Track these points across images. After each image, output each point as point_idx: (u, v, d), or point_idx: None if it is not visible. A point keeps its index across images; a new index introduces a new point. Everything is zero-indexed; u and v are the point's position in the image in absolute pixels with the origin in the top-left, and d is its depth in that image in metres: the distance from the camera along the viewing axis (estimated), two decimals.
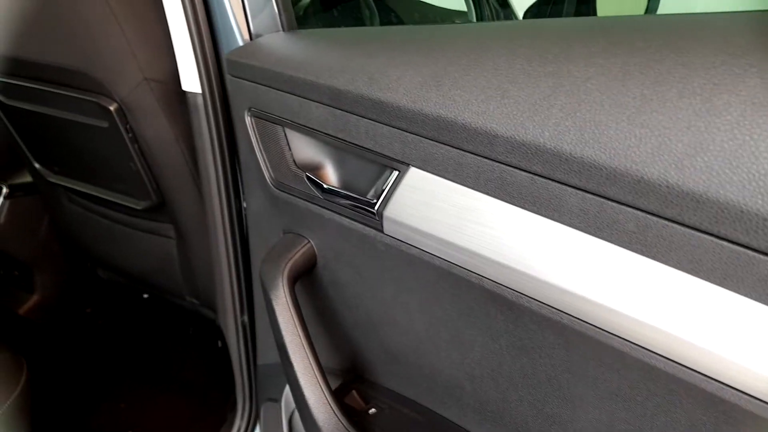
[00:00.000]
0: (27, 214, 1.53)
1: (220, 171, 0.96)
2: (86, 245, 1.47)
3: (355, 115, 0.62)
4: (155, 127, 1.07)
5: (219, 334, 1.62)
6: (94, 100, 1.05)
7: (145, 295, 1.69)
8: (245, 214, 1.01)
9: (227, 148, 0.94)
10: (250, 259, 1.06)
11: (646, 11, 1.90)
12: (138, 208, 1.21)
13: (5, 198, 1.49)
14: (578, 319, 0.49)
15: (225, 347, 1.62)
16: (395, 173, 0.61)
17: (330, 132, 0.67)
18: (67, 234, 1.50)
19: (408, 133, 0.57)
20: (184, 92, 0.95)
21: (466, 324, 0.62)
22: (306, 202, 0.75)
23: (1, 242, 1.52)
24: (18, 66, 1.12)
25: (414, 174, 0.59)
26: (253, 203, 0.90)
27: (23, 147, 1.31)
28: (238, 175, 0.98)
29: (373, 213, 0.65)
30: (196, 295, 1.36)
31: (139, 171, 1.13)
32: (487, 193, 0.53)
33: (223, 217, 1.00)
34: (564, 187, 0.47)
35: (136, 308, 1.72)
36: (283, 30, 0.83)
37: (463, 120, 0.52)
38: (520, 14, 1.71)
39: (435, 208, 0.57)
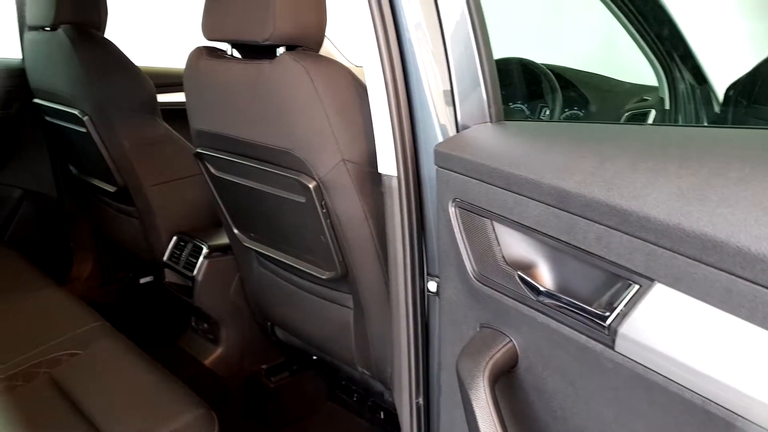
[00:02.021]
0: (221, 273, 1.66)
1: (407, 252, 0.97)
2: (269, 306, 1.55)
3: (585, 219, 0.58)
4: (348, 205, 1.11)
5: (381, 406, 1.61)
6: (295, 177, 1.11)
7: (314, 357, 1.74)
8: (428, 296, 1.00)
9: (416, 231, 0.95)
10: (429, 342, 1.04)
11: None
12: (323, 277, 1.25)
13: (204, 257, 1.63)
14: None
15: (387, 419, 1.61)
16: (634, 287, 0.55)
17: (551, 233, 0.63)
18: (253, 294, 1.59)
19: (656, 247, 0.52)
20: (379, 174, 0.97)
21: None
22: (513, 301, 0.71)
23: (197, 296, 1.66)
24: (229, 143, 1.23)
25: (661, 291, 0.52)
26: (447, 290, 0.88)
27: (225, 213, 1.43)
28: (425, 257, 0.98)
29: (603, 327, 0.59)
30: (367, 366, 1.36)
31: (329, 244, 1.17)
32: (765, 327, 0.45)
33: (406, 297, 1.00)
34: None
35: (307, 368, 1.77)
36: (491, 121, 0.82)
37: (738, 243, 0.45)
38: (720, 92, 1.57)
39: (688, 333, 0.50)
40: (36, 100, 1.80)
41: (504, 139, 0.73)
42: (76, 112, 1.60)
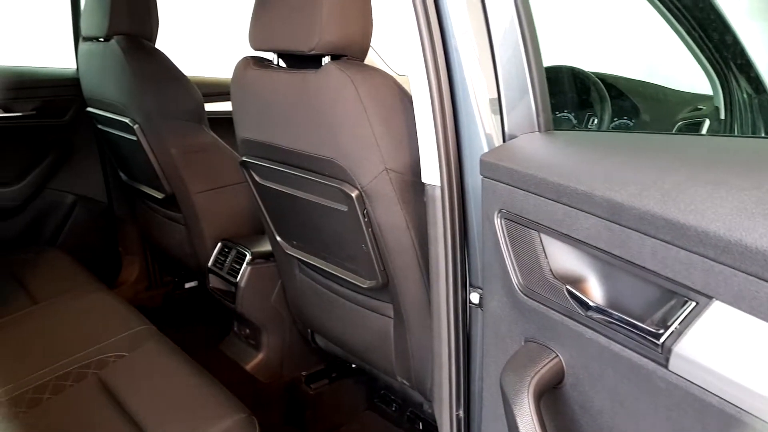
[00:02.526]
0: (263, 279, 1.68)
1: (450, 262, 0.96)
2: (310, 313, 1.56)
3: (639, 233, 0.56)
4: (389, 214, 1.10)
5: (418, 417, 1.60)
6: (338, 186, 1.11)
7: (354, 365, 1.74)
8: (470, 308, 0.98)
9: (459, 241, 0.93)
10: (470, 353, 1.02)
11: None
12: (363, 286, 1.25)
13: (248, 264, 1.65)
14: None
15: (426, 430, 1.59)
16: (691, 304, 0.53)
17: (602, 246, 0.61)
18: (294, 301, 1.60)
19: (716, 263, 0.49)
20: (422, 183, 0.96)
21: None
22: (561, 315, 0.69)
23: (239, 302, 1.68)
24: (273, 152, 1.24)
25: (720, 310, 0.50)
26: (491, 303, 0.87)
27: (268, 220, 1.44)
28: (467, 268, 0.97)
29: (656, 345, 0.56)
30: (407, 376, 1.35)
31: (370, 253, 1.17)
32: None
33: (447, 308, 0.99)
34: None
35: (346, 376, 1.77)
36: (540, 131, 0.80)
37: None
38: None
39: (748, 354, 0.48)
40: (89, 109, 1.86)
41: (553, 149, 0.72)
42: (126, 120, 1.64)
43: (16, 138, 1.93)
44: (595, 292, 0.66)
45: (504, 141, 0.84)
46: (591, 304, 0.65)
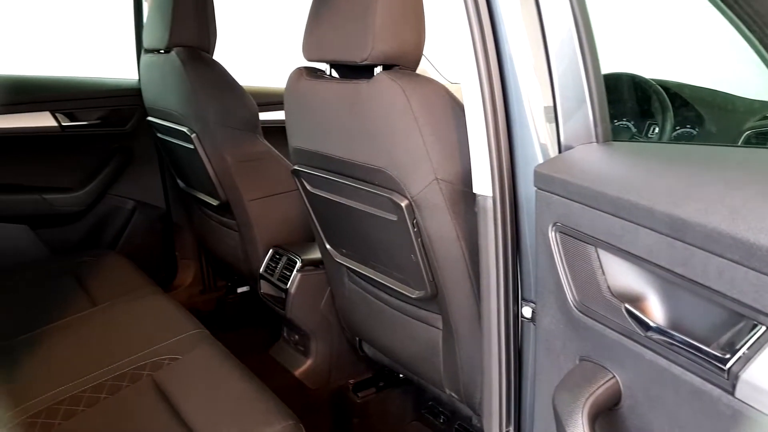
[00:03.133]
0: (313, 286, 1.69)
1: (501, 275, 0.94)
2: (358, 321, 1.56)
3: (704, 251, 0.53)
4: (439, 224, 1.09)
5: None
6: (387, 195, 1.11)
7: (401, 375, 1.73)
8: (522, 322, 0.96)
9: (511, 253, 0.91)
10: (522, 369, 1.00)
11: None
12: (412, 296, 1.24)
13: (298, 271, 1.67)
14: None
15: None
16: (761, 329, 0.50)
17: (663, 264, 0.58)
18: (343, 309, 1.61)
19: None
20: (473, 193, 0.95)
21: None
22: (618, 335, 0.66)
23: (289, 308, 1.70)
24: (324, 161, 1.25)
25: None
26: (545, 318, 0.84)
27: (318, 228, 1.45)
28: (519, 281, 0.95)
29: (722, 370, 0.53)
30: (456, 389, 1.33)
31: (419, 263, 1.16)
32: None
33: (498, 321, 0.97)
34: None
35: (394, 385, 1.76)
36: (598, 141, 0.77)
37: None
38: None
39: None
40: (150, 118, 1.93)
41: (612, 161, 0.69)
42: (184, 129, 1.69)
43: (81, 145, 2.02)
44: (656, 311, 0.63)
45: (559, 151, 0.82)
46: (651, 324, 0.62)
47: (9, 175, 1.93)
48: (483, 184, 0.91)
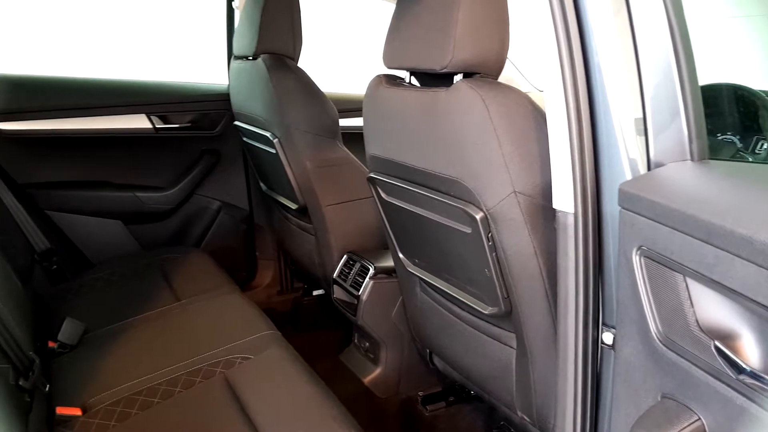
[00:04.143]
0: (385, 294, 1.69)
1: (581, 297, 0.89)
2: (429, 333, 1.53)
3: None
4: (516, 239, 1.05)
5: None
6: (462, 207, 1.08)
7: (472, 392, 1.68)
8: (602, 348, 0.90)
9: (593, 275, 0.86)
10: (600, 397, 0.93)
11: None
12: (485, 312, 1.20)
13: (370, 278, 1.67)
14: None
15: None
16: None
17: (761, 300, 0.52)
18: (414, 319, 1.59)
19: None
20: (553, 208, 0.90)
21: None
22: (705, 374, 0.60)
23: (360, 315, 1.70)
24: (400, 169, 1.24)
25: None
26: (625, 349, 0.78)
27: (392, 237, 1.44)
28: (601, 305, 0.89)
29: None
30: (528, 412, 1.27)
31: (493, 278, 1.12)
32: None
33: (576, 346, 0.92)
34: None
35: (464, 401, 1.72)
36: (692, 159, 0.71)
37: None
38: None
39: None
40: (236, 123, 2.00)
41: (707, 182, 0.63)
42: (268, 134, 1.74)
43: (173, 147, 2.13)
44: (750, 352, 0.56)
45: (648, 169, 0.76)
46: (744, 366, 0.55)
47: (106, 173, 2.06)
48: (564, 199, 0.87)
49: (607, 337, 0.88)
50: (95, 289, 1.74)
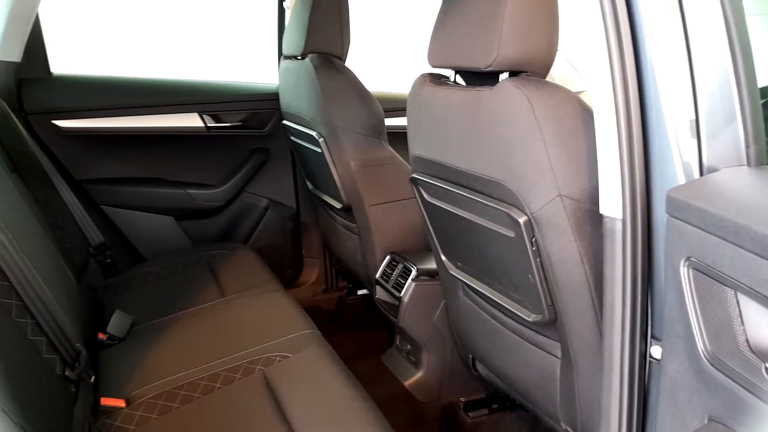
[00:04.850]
0: (427, 297, 1.66)
1: (628, 307, 0.85)
2: (471, 338, 1.50)
3: None
4: (561, 245, 1.01)
5: None
6: (505, 210, 1.05)
7: (516, 401, 1.64)
8: (650, 362, 0.85)
9: (641, 284, 0.81)
10: (646, 413, 0.89)
11: None
12: (528, 319, 1.16)
13: (412, 280, 1.65)
14: None
15: None
16: None
17: None
18: (456, 323, 1.56)
19: None
20: (600, 214, 0.86)
21: None
22: (757, 399, 0.55)
23: (401, 317, 1.68)
24: (442, 170, 1.21)
25: None
26: (670, 366, 0.74)
27: (434, 239, 1.42)
28: (650, 316, 0.84)
29: None
30: (572, 425, 1.22)
31: (537, 285, 1.08)
32: None
33: (622, 358, 0.88)
34: None
35: (507, 409, 1.68)
36: (749, 165, 0.66)
37: None
38: None
39: None
40: (284, 122, 2.02)
41: (763, 189, 0.58)
42: (314, 133, 1.74)
43: (223, 145, 2.17)
44: None
45: (701, 174, 0.71)
46: None
47: (160, 170, 2.12)
48: (612, 204, 0.83)
49: (656, 351, 0.83)
50: (145, 282, 1.79)
